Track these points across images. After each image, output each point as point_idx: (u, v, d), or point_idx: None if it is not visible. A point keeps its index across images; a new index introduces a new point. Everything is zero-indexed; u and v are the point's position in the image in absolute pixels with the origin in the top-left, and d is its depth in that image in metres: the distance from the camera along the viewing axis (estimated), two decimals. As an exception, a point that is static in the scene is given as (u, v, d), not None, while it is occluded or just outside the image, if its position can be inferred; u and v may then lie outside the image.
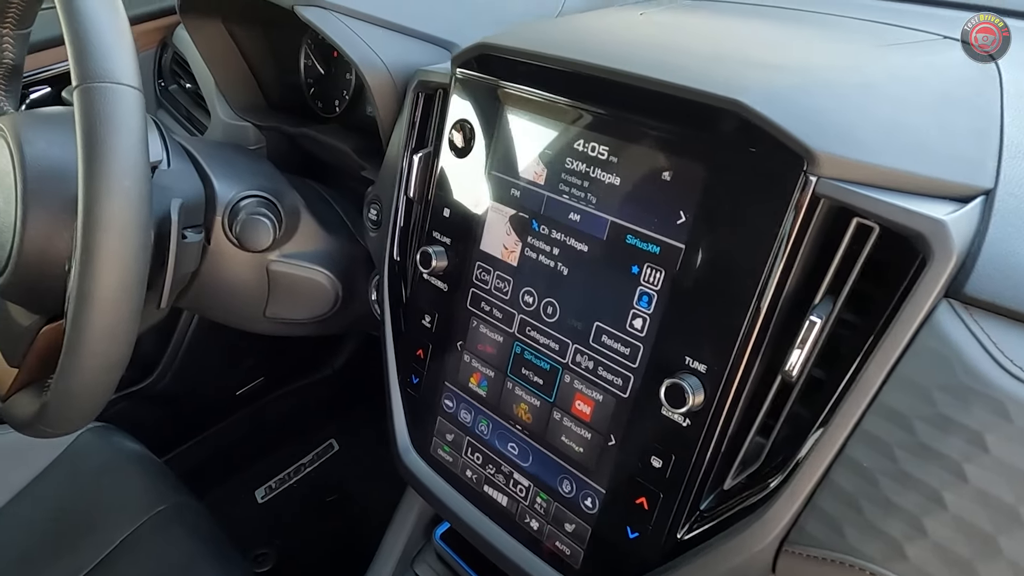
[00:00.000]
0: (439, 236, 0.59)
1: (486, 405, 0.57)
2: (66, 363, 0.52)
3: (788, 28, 0.61)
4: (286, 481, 1.43)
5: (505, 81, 0.52)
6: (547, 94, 0.49)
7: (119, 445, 0.99)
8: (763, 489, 0.43)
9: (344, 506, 1.39)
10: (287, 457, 1.46)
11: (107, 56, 0.49)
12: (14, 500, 0.91)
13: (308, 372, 1.53)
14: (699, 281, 0.43)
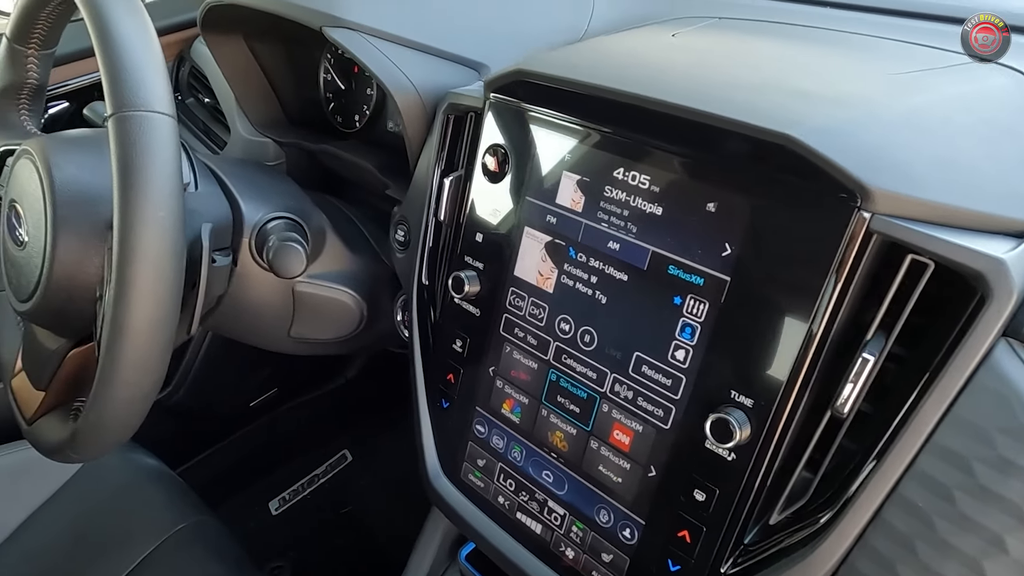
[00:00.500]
0: (471, 260, 0.58)
1: (519, 432, 0.57)
2: (99, 392, 0.52)
3: (820, 51, 0.60)
4: (300, 493, 1.43)
5: (542, 107, 0.51)
6: (586, 122, 0.49)
7: (138, 461, 0.99)
8: (812, 525, 0.42)
9: (359, 518, 1.38)
10: (300, 468, 1.45)
11: (141, 84, 0.49)
12: (33, 516, 0.91)
13: (321, 383, 1.53)
14: (746, 314, 0.43)
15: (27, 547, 0.89)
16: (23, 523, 0.91)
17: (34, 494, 0.93)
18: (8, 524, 0.90)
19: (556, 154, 0.51)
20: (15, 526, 0.90)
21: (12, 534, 0.90)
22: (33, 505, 0.92)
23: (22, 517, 0.91)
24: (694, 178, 0.44)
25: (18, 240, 0.60)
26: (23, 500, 0.92)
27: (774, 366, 0.42)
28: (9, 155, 0.71)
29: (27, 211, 0.59)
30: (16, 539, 0.89)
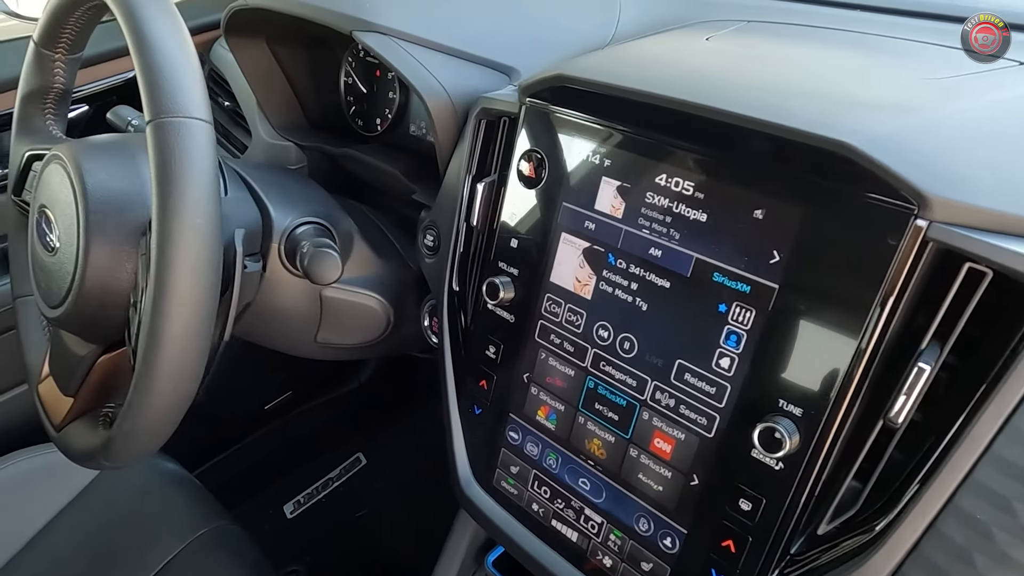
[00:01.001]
0: (505, 266, 0.58)
1: (555, 439, 0.56)
2: (135, 400, 0.51)
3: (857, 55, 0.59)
4: (314, 496, 1.42)
5: (581, 112, 0.51)
6: (627, 127, 0.49)
7: (158, 465, 0.98)
8: (863, 535, 0.42)
9: (374, 522, 1.38)
10: (315, 472, 1.45)
11: (179, 90, 0.49)
12: (54, 521, 0.91)
13: (334, 386, 1.52)
14: (795, 322, 0.42)
15: (48, 552, 0.89)
16: (43, 528, 0.90)
17: (54, 498, 0.92)
18: (29, 529, 0.90)
19: (595, 160, 0.51)
20: (36, 531, 0.90)
21: (33, 539, 0.89)
22: (54, 509, 0.92)
23: (43, 522, 0.91)
24: (741, 185, 0.44)
25: (49, 246, 0.60)
26: (43, 504, 0.92)
27: (825, 375, 0.41)
28: (36, 160, 0.71)
29: (58, 217, 0.59)
30: (37, 544, 0.89)
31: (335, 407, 1.52)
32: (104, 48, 1.01)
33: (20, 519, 0.90)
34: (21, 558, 0.88)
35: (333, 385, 1.52)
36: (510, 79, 0.65)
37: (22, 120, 0.72)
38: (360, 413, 1.54)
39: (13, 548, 0.88)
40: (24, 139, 0.72)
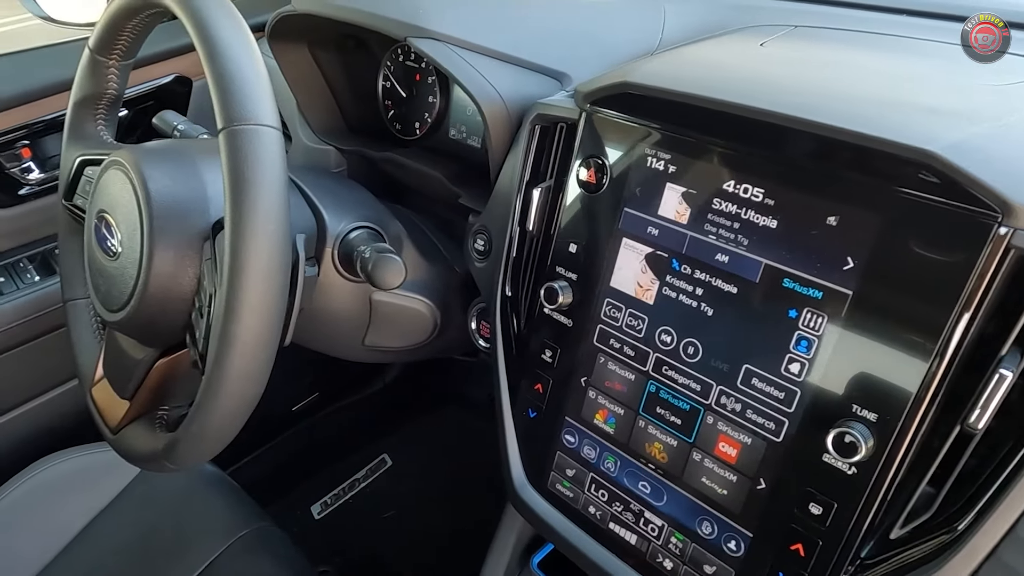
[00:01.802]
0: (563, 271, 0.58)
1: (614, 442, 0.57)
2: (204, 403, 0.52)
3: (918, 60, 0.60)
4: (341, 497, 1.43)
5: (646, 120, 0.51)
6: (694, 134, 0.49)
7: (196, 466, 0.99)
8: (942, 537, 0.42)
9: (401, 522, 1.38)
10: (341, 472, 1.46)
11: (250, 98, 0.49)
12: (95, 521, 0.92)
13: (360, 388, 1.53)
14: (871, 328, 0.43)
15: (90, 552, 0.90)
16: (84, 528, 0.91)
17: (94, 499, 0.93)
18: (70, 530, 0.91)
19: (659, 166, 0.51)
20: (76, 532, 0.91)
21: (74, 539, 0.90)
22: (94, 510, 0.93)
23: (83, 523, 0.92)
24: (814, 192, 0.44)
25: (110, 251, 0.61)
26: (83, 506, 0.92)
27: (901, 380, 0.42)
28: (88, 165, 0.72)
29: (120, 222, 0.60)
30: (78, 544, 0.90)
31: (360, 408, 1.53)
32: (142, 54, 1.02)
33: (61, 520, 0.91)
34: (63, 559, 0.88)
35: (359, 387, 1.53)
36: (562, 85, 0.66)
37: (74, 126, 0.73)
38: (385, 414, 1.54)
39: (54, 549, 0.89)
40: (75, 144, 0.73)
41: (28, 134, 0.93)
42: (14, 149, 0.93)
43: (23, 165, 0.94)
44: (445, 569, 1.31)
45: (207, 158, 0.63)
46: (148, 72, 1.06)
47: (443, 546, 1.34)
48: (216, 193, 0.60)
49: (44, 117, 0.94)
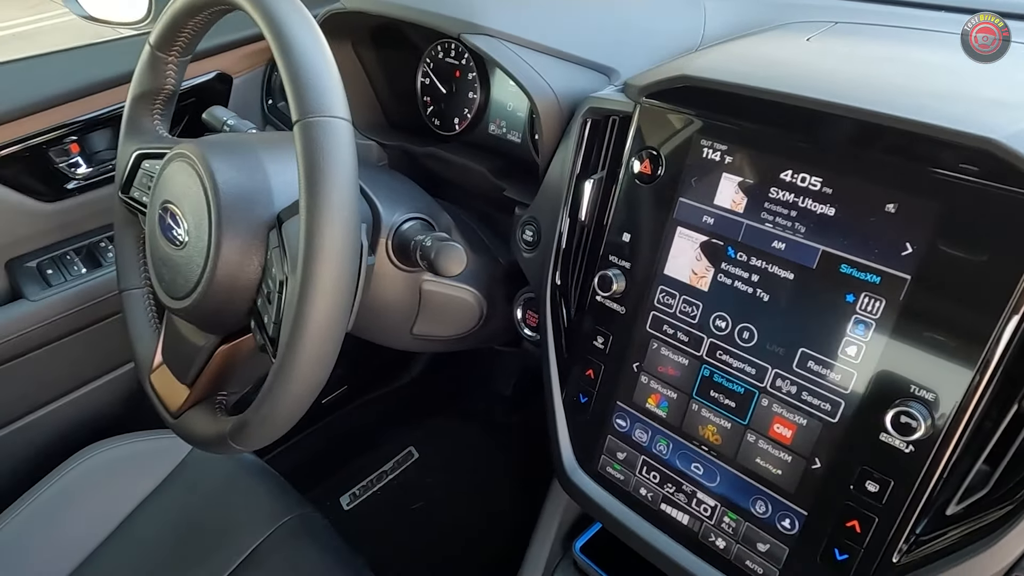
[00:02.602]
0: (616, 260, 0.60)
1: (666, 426, 0.58)
2: (276, 385, 0.54)
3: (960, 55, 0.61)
4: (369, 488, 1.45)
5: (703, 112, 0.53)
6: (753, 126, 0.51)
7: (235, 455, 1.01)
8: (999, 514, 0.43)
9: (431, 514, 1.40)
10: (369, 465, 1.48)
11: (323, 91, 0.51)
12: (141, 507, 0.94)
13: (387, 381, 1.55)
14: (929, 311, 0.44)
15: (136, 537, 0.92)
16: (130, 514, 0.93)
17: (138, 486, 0.95)
18: (116, 515, 0.93)
19: (715, 157, 0.53)
20: (122, 517, 0.93)
21: (120, 525, 0.92)
22: (138, 497, 0.95)
23: (128, 509, 0.94)
24: (873, 180, 0.46)
25: (176, 240, 0.63)
26: (128, 492, 0.94)
27: (960, 361, 0.43)
28: (145, 158, 0.74)
29: (187, 212, 0.62)
30: (125, 529, 0.92)
31: (387, 402, 1.55)
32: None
33: (109, 505, 0.93)
34: (111, 542, 0.91)
35: (386, 381, 1.55)
36: (609, 80, 0.67)
37: (131, 120, 0.75)
38: (412, 408, 1.56)
39: (103, 533, 0.91)
40: (133, 139, 0.75)
41: (76, 129, 0.95)
42: (63, 144, 0.95)
43: (71, 160, 0.97)
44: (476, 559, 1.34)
45: (269, 151, 0.65)
46: (190, 70, 1.09)
47: (472, 537, 1.36)
48: (280, 184, 0.63)
49: (92, 113, 0.96)
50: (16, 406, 1.01)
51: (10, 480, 1.01)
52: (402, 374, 1.56)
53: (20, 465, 1.03)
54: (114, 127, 0.99)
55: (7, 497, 0.91)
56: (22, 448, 1.03)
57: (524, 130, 0.84)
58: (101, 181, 0.99)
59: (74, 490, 0.93)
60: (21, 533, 0.89)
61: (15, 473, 1.02)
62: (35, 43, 5.60)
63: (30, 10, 6.48)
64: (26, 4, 6.57)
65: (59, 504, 0.92)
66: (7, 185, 0.91)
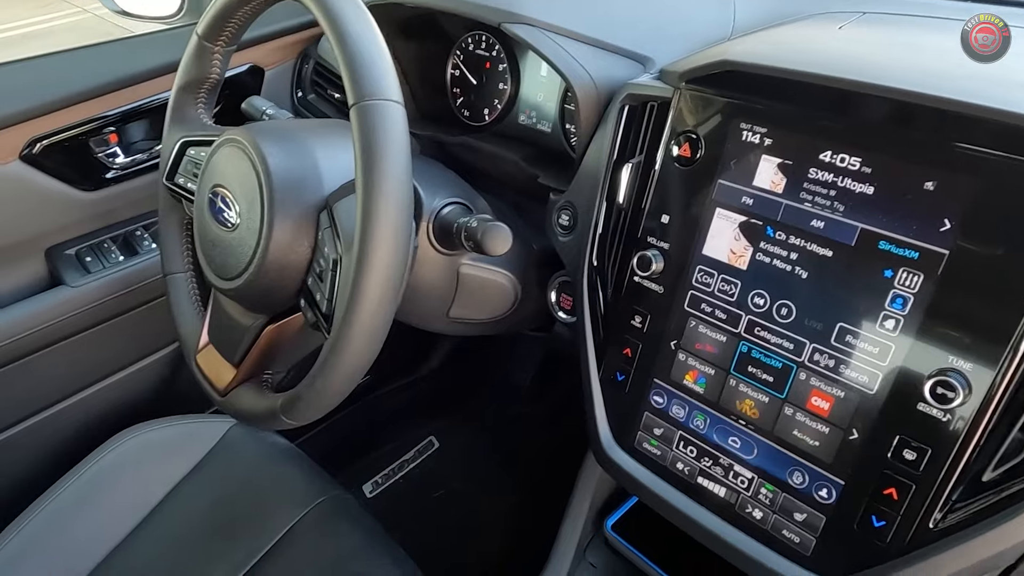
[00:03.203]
0: (654, 241, 0.62)
1: (703, 401, 0.60)
2: (330, 359, 0.56)
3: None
4: (391, 477, 1.47)
5: (743, 96, 0.55)
6: (792, 108, 0.53)
7: (267, 439, 1.03)
8: (1031, 481, 0.45)
9: (453, 502, 1.43)
10: (390, 454, 1.50)
11: (379, 76, 0.54)
12: (176, 490, 0.96)
13: (408, 372, 1.58)
14: (966, 284, 0.46)
15: (174, 518, 0.94)
16: (166, 496, 0.95)
17: (175, 468, 0.97)
18: (152, 497, 0.95)
19: (755, 139, 0.55)
20: (159, 499, 0.95)
21: (156, 506, 0.94)
22: (175, 479, 0.97)
23: (164, 491, 0.96)
24: (911, 159, 0.48)
25: (227, 223, 0.65)
26: (166, 474, 0.96)
27: (997, 332, 0.45)
28: (189, 146, 0.76)
29: (238, 196, 0.64)
30: (161, 511, 0.94)
31: (408, 393, 1.57)
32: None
33: (145, 487, 0.95)
34: (148, 523, 0.93)
35: (406, 372, 1.57)
36: (645, 68, 0.69)
37: (176, 109, 0.77)
38: (432, 398, 1.59)
39: (140, 514, 0.93)
40: (177, 127, 0.77)
41: (114, 120, 0.98)
42: (102, 135, 0.98)
43: (110, 150, 0.99)
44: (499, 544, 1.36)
45: (315, 136, 0.67)
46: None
47: (494, 523, 1.38)
48: (327, 168, 0.65)
49: (129, 105, 0.98)
50: (55, 390, 1.03)
51: (50, 462, 1.04)
52: (422, 366, 1.58)
53: (59, 447, 1.05)
54: (150, 118, 1.02)
55: (48, 478, 0.93)
56: (61, 431, 1.05)
57: (554, 120, 0.86)
58: (137, 171, 1.02)
59: (112, 472, 0.95)
60: (62, 513, 0.91)
61: (55, 455, 1.05)
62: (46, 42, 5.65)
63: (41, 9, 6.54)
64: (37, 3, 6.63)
65: (98, 485, 0.94)
66: (49, 174, 0.93)
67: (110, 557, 0.87)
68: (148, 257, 1.03)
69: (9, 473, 1.03)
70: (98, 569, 0.86)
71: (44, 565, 0.87)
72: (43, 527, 0.89)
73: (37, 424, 1.02)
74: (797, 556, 0.56)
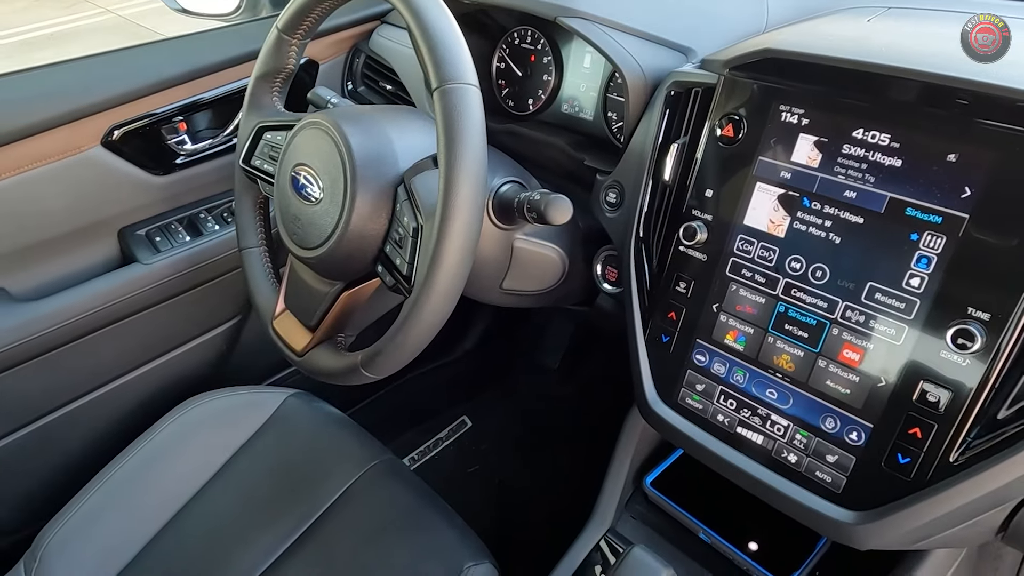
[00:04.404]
0: (699, 213, 0.68)
1: (743, 358, 0.67)
2: (411, 316, 0.63)
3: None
4: (427, 453, 1.55)
5: (783, 80, 0.62)
6: (828, 91, 0.59)
7: (320, 409, 1.10)
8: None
9: (486, 476, 1.50)
10: (426, 431, 1.58)
11: (458, 62, 0.60)
12: (237, 455, 1.02)
13: (441, 355, 1.65)
14: (984, 243, 0.52)
15: (238, 479, 1.00)
16: (230, 459, 1.02)
17: (236, 435, 1.04)
18: (216, 461, 1.02)
19: (793, 119, 0.61)
20: (222, 463, 1.02)
21: (222, 467, 1.01)
22: (237, 444, 1.04)
23: (228, 455, 1.03)
24: (936, 135, 0.54)
25: (310, 198, 0.72)
26: (228, 440, 1.03)
27: (1010, 284, 0.51)
28: (266, 131, 0.84)
29: (321, 173, 0.71)
30: (226, 473, 1.01)
31: (442, 375, 1.64)
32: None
33: (208, 453, 1.02)
34: (213, 485, 1.00)
35: (440, 355, 1.64)
36: (687, 58, 0.76)
37: (254, 96, 0.84)
38: (465, 380, 1.66)
39: (204, 477, 1.00)
40: (254, 113, 0.85)
41: (183, 109, 1.05)
42: (172, 123, 1.05)
43: (179, 138, 1.06)
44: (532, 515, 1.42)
45: (389, 120, 0.74)
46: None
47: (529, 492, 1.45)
48: (401, 148, 0.72)
49: (195, 96, 1.06)
50: (125, 362, 1.11)
51: (121, 427, 1.12)
52: (456, 348, 1.66)
53: (129, 415, 1.13)
54: (213, 109, 1.10)
55: (120, 442, 1.00)
56: (132, 399, 1.13)
57: (596, 108, 0.93)
58: (201, 158, 1.09)
59: (178, 438, 1.02)
60: (133, 476, 0.98)
61: (125, 421, 1.13)
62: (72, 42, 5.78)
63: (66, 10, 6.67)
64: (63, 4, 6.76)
65: (166, 449, 1.01)
66: (126, 159, 1.01)
67: (179, 515, 0.94)
68: (211, 238, 1.10)
69: (86, 437, 1.11)
70: (169, 525, 0.94)
71: (120, 521, 0.94)
72: (117, 487, 0.96)
73: (110, 392, 1.10)
74: (829, 494, 0.62)
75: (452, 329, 1.62)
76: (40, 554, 0.89)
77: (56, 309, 0.99)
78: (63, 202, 0.99)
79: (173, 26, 1.27)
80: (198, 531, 0.94)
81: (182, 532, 0.94)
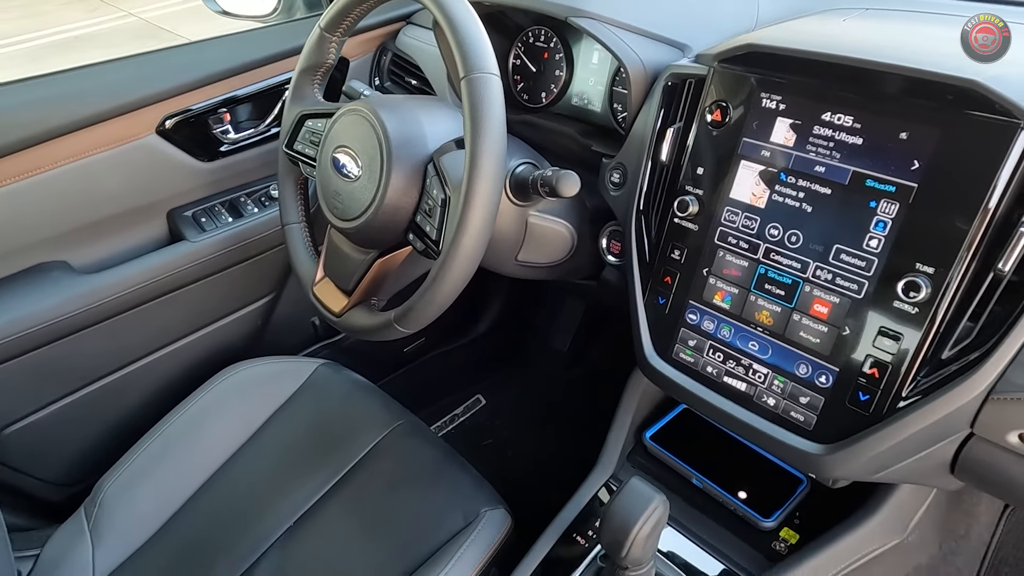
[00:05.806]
0: (691, 188, 0.78)
1: (729, 315, 0.76)
2: (440, 274, 0.72)
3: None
4: (443, 429, 1.65)
5: (764, 71, 0.71)
6: (802, 80, 0.68)
7: (349, 377, 1.20)
8: (976, 355, 0.61)
9: (499, 449, 1.59)
10: (442, 409, 1.68)
11: (483, 53, 0.70)
12: (273, 418, 1.12)
13: (457, 336, 1.75)
14: (930, 208, 0.62)
15: (275, 439, 1.10)
16: (266, 421, 1.12)
17: (272, 399, 1.14)
18: (254, 423, 1.11)
19: (772, 105, 0.71)
20: (260, 424, 1.12)
21: (257, 431, 1.11)
22: (273, 408, 1.13)
23: (265, 417, 1.12)
24: (891, 115, 0.63)
25: (349, 176, 0.82)
26: (265, 404, 1.13)
27: (951, 242, 0.60)
28: (308, 119, 0.94)
29: (359, 154, 0.81)
30: (263, 434, 1.11)
31: (458, 355, 1.74)
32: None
33: (246, 415, 1.11)
34: (251, 444, 1.09)
35: (459, 334, 1.74)
36: (683, 53, 0.86)
37: (297, 88, 0.95)
38: (480, 360, 1.76)
39: (242, 437, 1.10)
40: (297, 103, 0.95)
41: (228, 101, 1.16)
42: (218, 114, 1.16)
43: (224, 128, 1.17)
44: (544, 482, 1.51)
45: (419, 107, 0.84)
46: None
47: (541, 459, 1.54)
48: (431, 132, 0.82)
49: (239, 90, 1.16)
50: (172, 331, 1.21)
51: (167, 391, 1.22)
52: (471, 330, 1.75)
53: (173, 380, 1.24)
54: (252, 102, 1.20)
55: (166, 405, 1.11)
56: (176, 366, 1.24)
57: (603, 101, 1.02)
58: (244, 146, 1.20)
59: (219, 402, 1.12)
60: (181, 434, 1.08)
61: (170, 386, 1.23)
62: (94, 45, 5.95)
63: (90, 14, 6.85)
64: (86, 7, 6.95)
65: (208, 412, 1.10)
66: (177, 146, 1.12)
67: (223, 468, 1.05)
68: (251, 219, 1.21)
69: (134, 400, 1.21)
70: (214, 477, 1.04)
71: (170, 473, 1.04)
72: (167, 444, 1.06)
73: (159, 359, 1.21)
74: (802, 431, 0.71)
75: (468, 312, 1.74)
76: (100, 499, 0.99)
77: (112, 281, 1.09)
78: (120, 185, 1.10)
79: (190, 27, 1.37)
80: (241, 482, 1.04)
81: (227, 482, 1.04)
